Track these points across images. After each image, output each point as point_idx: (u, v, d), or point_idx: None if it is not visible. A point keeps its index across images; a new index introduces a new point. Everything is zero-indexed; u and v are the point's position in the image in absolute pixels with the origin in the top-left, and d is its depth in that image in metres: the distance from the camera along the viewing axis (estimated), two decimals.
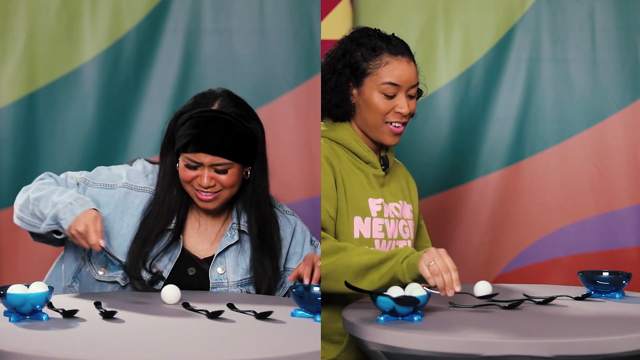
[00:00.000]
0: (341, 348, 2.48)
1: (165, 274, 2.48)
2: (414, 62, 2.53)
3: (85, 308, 2.18)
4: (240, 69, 3.23)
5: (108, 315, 2.11)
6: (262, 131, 2.51)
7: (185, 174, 2.46)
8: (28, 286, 2.11)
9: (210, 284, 2.51)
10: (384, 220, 2.52)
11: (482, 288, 2.27)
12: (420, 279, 2.25)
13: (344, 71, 2.50)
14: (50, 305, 2.16)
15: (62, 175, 2.56)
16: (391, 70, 2.48)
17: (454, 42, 3.30)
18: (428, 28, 3.30)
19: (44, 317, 2.09)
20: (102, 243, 2.35)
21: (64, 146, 3.20)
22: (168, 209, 2.51)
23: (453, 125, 3.31)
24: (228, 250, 2.54)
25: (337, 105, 2.52)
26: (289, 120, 3.24)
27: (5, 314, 2.09)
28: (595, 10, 3.24)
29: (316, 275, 2.37)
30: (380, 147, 2.59)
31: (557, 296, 2.36)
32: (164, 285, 2.33)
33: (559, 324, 2.13)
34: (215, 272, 2.52)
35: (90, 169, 2.58)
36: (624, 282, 2.44)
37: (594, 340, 1.93)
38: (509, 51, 3.29)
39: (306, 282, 2.36)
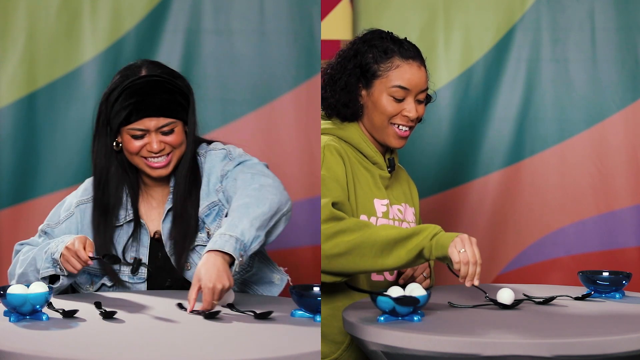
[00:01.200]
0: (342, 347, 2.48)
1: (144, 259, 2.50)
2: (425, 67, 2.54)
3: (85, 308, 2.19)
4: (240, 69, 3.23)
5: (108, 315, 2.11)
6: (190, 88, 2.52)
7: (132, 145, 2.46)
8: (28, 286, 2.12)
9: (167, 252, 2.51)
10: (388, 221, 2.52)
11: (507, 296, 2.28)
12: (445, 259, 2.27)
13: (354, 72, 2.51)
14: (50, 305, 2.16)
15: (32, 238, 2.56)
16: (401, 73, 2.49)
17: (454, 42, 3.30)
18: (428, 28, 3.30)
19: (44, 317, 2.09)
20: (91, 255, 2.34)
21: (64, 146, 3.20)
22: (114, 184, 2.51)
23: (453, 125, 3.31)
24: (168, 215, 2.54)
25: (346, 105, 2.52)
26: (289, 120, 3.24)
27: (5, 314, 2.09)
28: (595, 10, 3.24)
29: (206, 300, 2.21)
30: (386, 150, 2.59)
31: (557, 296, 2.36)
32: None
33: (559, 324, 2.13)
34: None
35: (90, 169, 2.58)
36: (624, 282, 2.44)
37: (594, 340, 1.93)
38: (509, 51, 3.29)
39: (188, 309, 2.22)
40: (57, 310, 2.14)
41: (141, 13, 3.21)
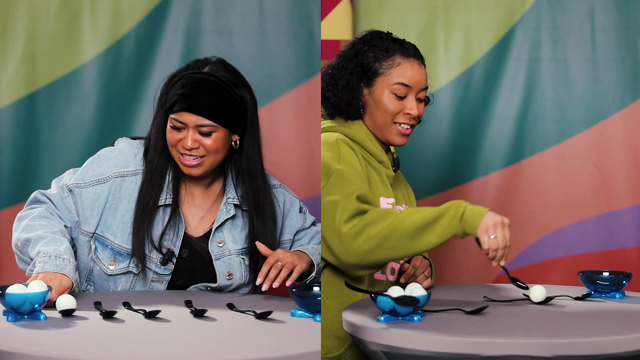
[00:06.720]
0: (346, 345, 2.48)
1: (176, 251, 2.49)
2: (425, 66, 2.55)
3: (85, 308, 2.18)
4: (240, 69, 3.22)
5: (108, 315, 2.11)
6: (252, 101, 2.53)
7: (171, 136, 2.47)
8: (27, 286, 2.11)
9: (213, 257, 2.52)
10: None
11: (539, 293, 2.29)
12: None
13: (355, 71, 2.52)
14: (51, 304, 2.15)
15: (54, 190, 2.52)
16: (403, 71, 2.51)
17: (454, 42, 3.30)
18: (428, 28, 3.30)
19: (41, 317, 2.09)
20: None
21: (64, 146, 3.19)
22: (160, 173, 2.51)
23: (453, 125, 3.31)
24: (224, 224, 2.54)
25: (349, 103, 2.53)
26: (289, 120, 3.24)
27: (4, 313, 2.09)
28: (595, 10, 3.24)
29: (282, 275, 2.40)
30: (387, 149, 2.60)
31: (557, 296, 2.36)
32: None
33: (559, 324, 2.13)
34: (215, 245, 2.53)
35: None
36: (624, 282, 2.44)
37: (594, 340, 1.93)
38: (509, 51, 3.28)
39: (264, 287, 2.39)
40: (56, 310, 2.14)
41: (141, 13, 3.21)
